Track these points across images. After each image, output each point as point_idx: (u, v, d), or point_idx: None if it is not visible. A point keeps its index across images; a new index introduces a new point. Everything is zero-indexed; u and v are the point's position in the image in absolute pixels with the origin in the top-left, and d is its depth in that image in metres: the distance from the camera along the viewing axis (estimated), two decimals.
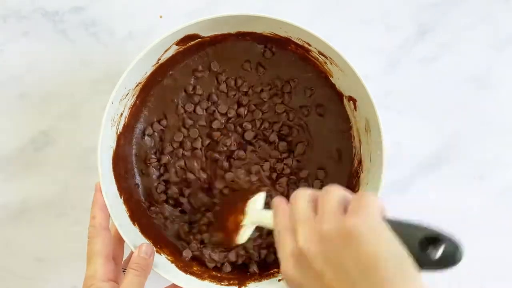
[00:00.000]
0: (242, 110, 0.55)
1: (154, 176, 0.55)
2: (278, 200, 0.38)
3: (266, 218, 0.42)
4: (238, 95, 0.55)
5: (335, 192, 0.34)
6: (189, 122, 0.54)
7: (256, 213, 0.47)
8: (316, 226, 0.33)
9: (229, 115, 0.55)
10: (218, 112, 0.54)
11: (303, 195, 0.35)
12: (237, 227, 0.48)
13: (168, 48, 0.51)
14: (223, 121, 0.55)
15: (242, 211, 0.48)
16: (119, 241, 0.48)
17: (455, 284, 0.59)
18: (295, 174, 0.55)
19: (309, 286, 0.33)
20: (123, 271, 0.47)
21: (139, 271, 0.45)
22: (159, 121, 0.55)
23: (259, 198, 0.48)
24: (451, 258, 0.30)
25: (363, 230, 0.30)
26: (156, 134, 0.55)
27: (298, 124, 0.55)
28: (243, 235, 0.48)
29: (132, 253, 0.48)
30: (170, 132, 0.55)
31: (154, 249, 0.49)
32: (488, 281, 0.59)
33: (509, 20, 0.60)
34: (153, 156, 0.55)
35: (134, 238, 0.49)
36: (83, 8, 0.59)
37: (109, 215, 0.47)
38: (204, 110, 0.55)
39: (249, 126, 0.54)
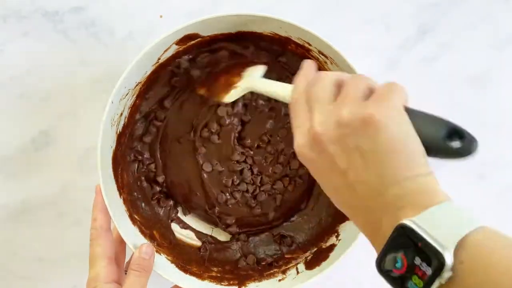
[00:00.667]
0: None
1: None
2: (307, 65, 0.38)
3: (270, 87, 0.43)
4: None
5: (362, 80, 0.34)
6: None
7: (257, 80, 0.46)
8: (335, 110, 0.33)
9: None
10: None
11: (329, 76, 0.35)
12: (228, 87, 0.48)
13: (168, 48, 0.51)
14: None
15: (238, 74, 0.48)
16: (121, 244, 0.48)
17: None
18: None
19: (320, 163, 0.34)
20: (125, 273, 0.47)
21: (140, 272, 0.45)
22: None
23: (259, 68, 0.48)
24: (468, 149, 0.32)
25: (382, 118, 0.31)
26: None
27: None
28: (232, 95, 0.48)
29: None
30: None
31: (154, 249, 0.49)
32: None
33: (509, 20, 0.60)
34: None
35: (134, 238, 0.49)
36: (83, 8, 0.59)
37: (110, 217, 0.47)
38: None
39: None
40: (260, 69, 0.48)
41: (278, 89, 0.42)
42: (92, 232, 0.46)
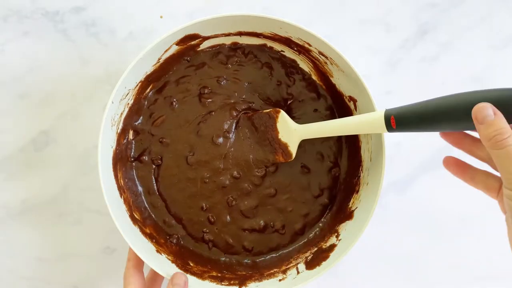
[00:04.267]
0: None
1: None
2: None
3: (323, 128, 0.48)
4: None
5: None
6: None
7: (307, 127, 0.50)
8: None
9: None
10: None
11: None
12: (285, 148, 0.53)
13: (169, 48, 0.51)
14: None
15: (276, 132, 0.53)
16: (154, 282, 0.51)
17: (456, 283, 0.59)
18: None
19: None
20: None
21: None
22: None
23: (285, 117, 0.52)
24: None
25: None
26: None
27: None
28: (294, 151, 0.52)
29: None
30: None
31: (187, 278, 0.49)
32: (488, 280, 0.59)
33: (509, 20, 0.60)
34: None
35: (134, 238, 0.49)
36: (84, 8, 0.59)
37: (143, 261, 0.48)
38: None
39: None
40: (286, 117, 0.52)
41: (362, 120, 0.45)
42: (125, 271, 0.49)
